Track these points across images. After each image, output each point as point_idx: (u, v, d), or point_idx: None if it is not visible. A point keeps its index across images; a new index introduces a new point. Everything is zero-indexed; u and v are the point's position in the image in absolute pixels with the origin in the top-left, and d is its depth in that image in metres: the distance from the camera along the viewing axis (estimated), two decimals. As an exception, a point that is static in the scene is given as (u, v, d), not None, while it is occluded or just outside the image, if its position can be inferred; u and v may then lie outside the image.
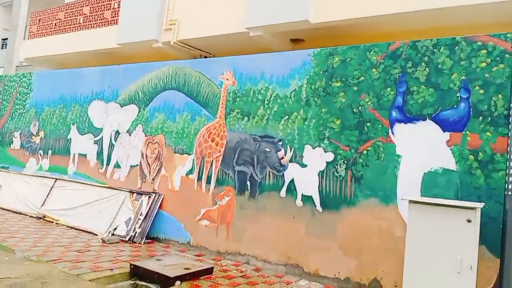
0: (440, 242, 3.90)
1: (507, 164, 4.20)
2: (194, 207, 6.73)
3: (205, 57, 8.93)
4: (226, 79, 6.82)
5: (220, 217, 6.44)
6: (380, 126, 5.27)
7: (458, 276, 3.78)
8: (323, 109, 5.75)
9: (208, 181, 6.71)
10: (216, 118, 6.81)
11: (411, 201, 4.15)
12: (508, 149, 4.28)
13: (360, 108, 5.45)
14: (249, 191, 6.23)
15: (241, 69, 6.71)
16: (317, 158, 5.69)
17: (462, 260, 3.79)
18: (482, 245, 4.29)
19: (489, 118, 4.61)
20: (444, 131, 4.85)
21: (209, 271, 5.32)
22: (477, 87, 4.72)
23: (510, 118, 4.32)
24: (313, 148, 5.75)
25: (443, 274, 3.83)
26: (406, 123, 5.12)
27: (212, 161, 6.74)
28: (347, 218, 5.30)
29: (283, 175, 5.93)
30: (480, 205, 4.03)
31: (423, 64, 5.10)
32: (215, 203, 6.55)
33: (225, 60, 7.04)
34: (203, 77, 7.13)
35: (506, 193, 4.18)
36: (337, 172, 5.49)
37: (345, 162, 5.45)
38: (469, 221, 3.83)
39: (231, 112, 6.66)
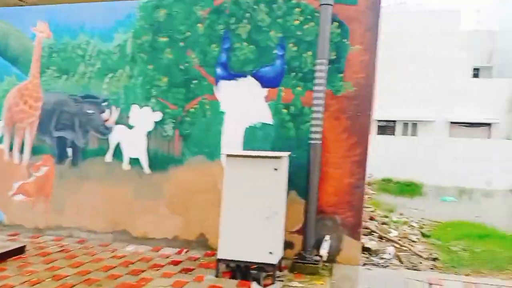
0: (252, 191, 4.08)
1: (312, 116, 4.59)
2: (6, 181, 5.82)
3: (20, 6, 7.51)
4: (40, 32, 5.86)
5: (37, 190, 5.68)
6: (206, 83, 5.20)
7: (266, 221, 4.03)
8: (149, 66, 5.40)
9: (22, 151, 5.81)
10: (29, 77, 5.84)
11: (227, 155, 4.21)
12: (313, 102, 4.65)
13: (186, 65, 5.28)
14: (70, 158, 5.61)
15: (58, 20, 5.84)
16: (144, 118, 5.38)
17: (270, 206, 4.04)
18: (293, 190, 4.71)
19: (300, 74, 4.93)
20: (263, 87, 5.03)
21: (20, 250, 4.67)
22: (291, 45, 4.97)
23: (316, 73, 4.66)
24: (140, 108, 5.41)
25: (254, 220, 4.04)
26: (229, 80, 5.15)
27: (26, 127, 5.81)
28: (174, 178, 5.21)
29: (108, 138, 5.47)
30: (285, 154, 4.33)
31: (244, 20, 5.13)
32: (30, 175, 5.74)
33: (38, 9, 6.01)
34: (12, 29, 6.01)
35: (310, 142, 4.57)
36: (165, 132, 5.29)
37: (173, 121, 5.27)
38: (275, 169, 4.07)
39: (47, 70, 5.80)
